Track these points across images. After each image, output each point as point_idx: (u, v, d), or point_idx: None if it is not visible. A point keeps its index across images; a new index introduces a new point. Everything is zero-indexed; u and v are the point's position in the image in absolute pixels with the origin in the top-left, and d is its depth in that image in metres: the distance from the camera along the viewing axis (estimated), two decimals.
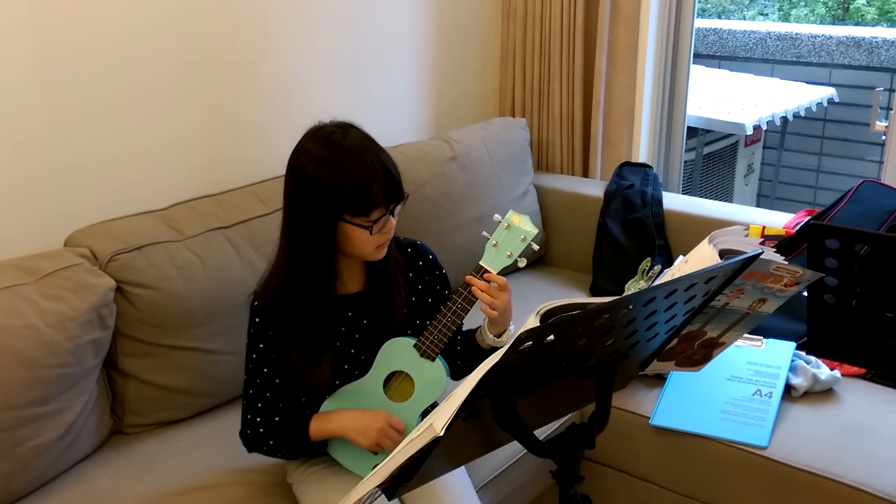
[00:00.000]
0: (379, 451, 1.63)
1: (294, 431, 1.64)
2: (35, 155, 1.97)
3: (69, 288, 1.78)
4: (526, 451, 1.17)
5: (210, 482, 1.78)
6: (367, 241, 1.57)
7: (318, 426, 1.63)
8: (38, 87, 1.94)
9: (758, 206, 4.30)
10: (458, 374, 1.74)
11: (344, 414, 1.64)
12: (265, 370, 1.65)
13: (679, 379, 2.12)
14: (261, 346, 1.64)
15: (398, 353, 1.65)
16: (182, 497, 1.74)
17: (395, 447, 1.57)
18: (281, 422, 1.65)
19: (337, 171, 1.51)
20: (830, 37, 4.59)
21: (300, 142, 1.58)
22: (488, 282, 1.58)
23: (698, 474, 2.01)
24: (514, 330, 1.65)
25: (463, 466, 1.79)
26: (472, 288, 1.58)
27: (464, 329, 1.71)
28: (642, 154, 3.07)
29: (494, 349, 1.66)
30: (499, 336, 1.66)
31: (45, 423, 1.72)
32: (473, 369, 1.04)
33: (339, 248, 1.60)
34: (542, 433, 1.24)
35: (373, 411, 1.62)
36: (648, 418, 2.04)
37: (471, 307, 1.60)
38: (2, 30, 1.85)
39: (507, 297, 1.60)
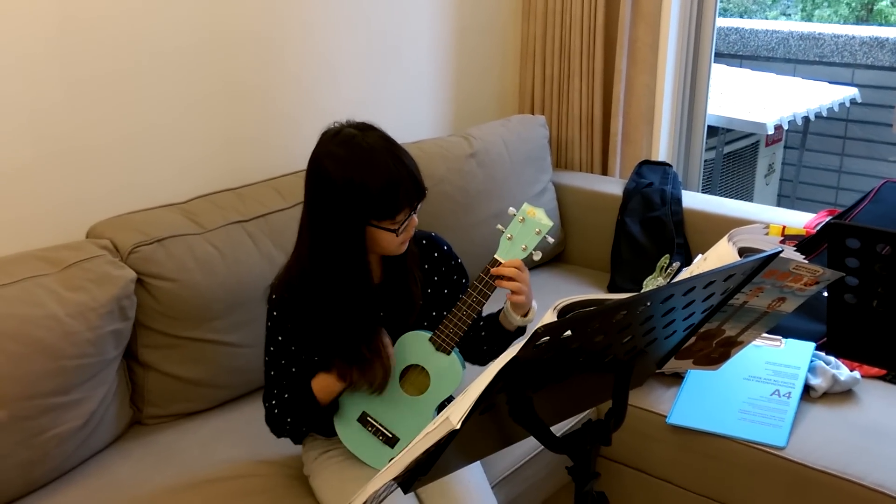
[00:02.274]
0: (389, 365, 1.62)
1: (300, 399, 1.64)
2: (58, 148, 1.99)
3: (91, 279, 1.80)
4: (542, 447, 1.17)
5: (228, 473, 1.80)
6: (393, 241, 1.58)
7: (321, 384, 1.63)
8: (62, 82, 1.96)
9: (778, 206, 4.28)
10: (484, 359, 1.76)
11: (335, 370, 1.62)
12: (283, 361, 1.66)
13: (697, 378, 2.11)
14: (279, 338, 1.65)
15: (414, 346, 1.65)
16: (200, 488, 1.76)
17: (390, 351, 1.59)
18: (290, 397, 1.66)
19: (363, 174, 1.50)
20: (853, 37, 4.55)
21: (321, 144, 1.56)
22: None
23: (715, 474, 2.00)
24: (537, 308, 1.67)
25: (479, 462, 1.79)
26: (498, 280, 1.58)
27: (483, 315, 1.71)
28: (662, 152, 3.06)
29: (520, 330, 1.68)
30: (524, 316, 1.66)
31: (65, 413, 1.74)
32: (501, 352, 1.04)
33: (367, 249, 1.60)
34: (558, 430, 1.23)
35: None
36: (665, 417, 2.03)
37: (486, 301, 1.61)
38: (27, 24, 1.88)
39: (527, 276, 1.61)
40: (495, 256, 1.60)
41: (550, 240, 1.61)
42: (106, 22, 2.01)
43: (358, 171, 1.50)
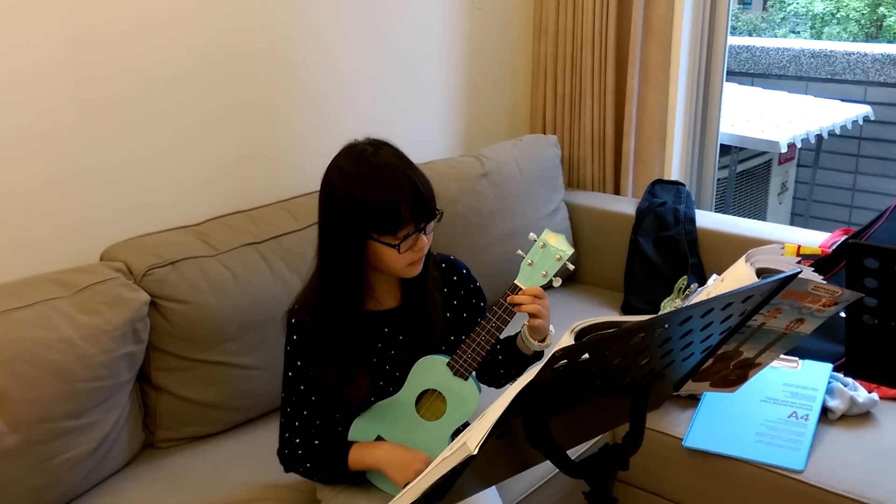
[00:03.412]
0: None
1: (333, 458, 1.63)
2: (71, 171, 1.99)
3: (104, 302, 1.80)
4: (558, 471, 1.16)
5: (240, 497, 1.79)
6: (397, 259, 1.56)
7: (357, 456, 1.62)
8: (75, 106, 1.97)
9: (791, 224, 4.26)
10: (501, 381, 1.75)
11: (385, 447, 1.63)
12: (302, 388, 1.64)
13: (713, 400, 2.09)
14: (298, 363, 1.64)
15: (431, 370, 1.64)
16: None
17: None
18: (320, 446, 1.65)
19: (364, 188, 1.51)
20: (865, 54, 4.55)
21: (334, 158, 1.58)
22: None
23: (732, 498, 1.97)
24: (554, 332, 1.66)
25: (494, 486, 1.77)
26: (518, 306, 1.58)
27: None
28: (675, 172, 3.05)
29: (538, 354, 1.68)
30: (542, 341, 1.66)
31: (78, 437, 1.74)
32: (518, 375, 1.03)
33: (371, 265, 1.60)
34: (574, 454, 1.22)
35: (413, 451, 1.62)
36: (682, 440, 2.01)
37: (505, 326, 1.60)
38: (39, 45, 1.89)
39: (547, 303, 1.61)
40: (515, 282, 1.60)
41: (571, 266, 1.60)
42: (117, 42, 2.02)
43: (361, 184, 1.51)
